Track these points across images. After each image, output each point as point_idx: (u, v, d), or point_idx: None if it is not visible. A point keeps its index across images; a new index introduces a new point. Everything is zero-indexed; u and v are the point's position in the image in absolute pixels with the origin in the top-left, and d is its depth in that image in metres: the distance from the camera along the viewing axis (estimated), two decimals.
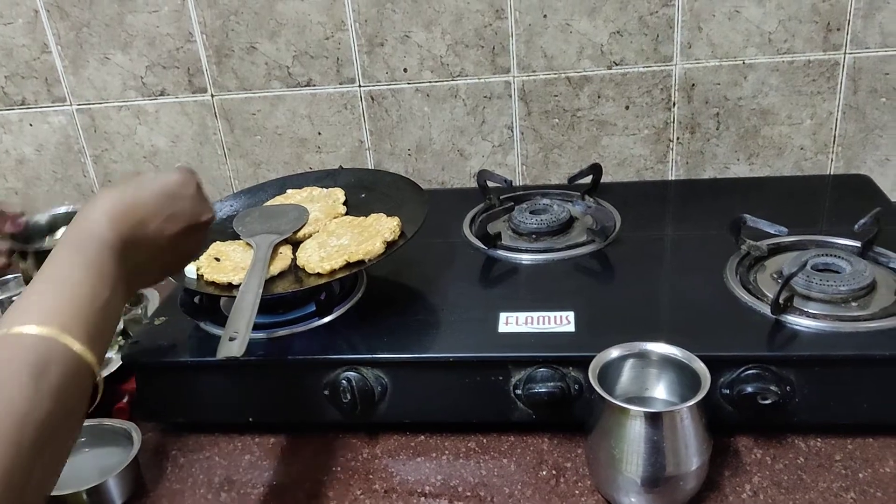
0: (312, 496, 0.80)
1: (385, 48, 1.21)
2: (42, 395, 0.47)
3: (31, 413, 0.46)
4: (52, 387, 0.48)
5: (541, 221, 1.04)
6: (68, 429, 0.51)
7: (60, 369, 0.50)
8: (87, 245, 0.58)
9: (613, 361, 0.76)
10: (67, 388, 0.50)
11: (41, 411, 0.47)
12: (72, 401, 0.51)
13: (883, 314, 0.81)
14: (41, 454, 0.47)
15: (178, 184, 0.66)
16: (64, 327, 0.51)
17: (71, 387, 0.50)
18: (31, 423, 0.46)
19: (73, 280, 0.55)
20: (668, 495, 0.72)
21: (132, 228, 0.61)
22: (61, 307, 0.53)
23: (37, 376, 0.48)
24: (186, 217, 0.66)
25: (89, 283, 0.56)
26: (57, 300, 0.53)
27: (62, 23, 1.24)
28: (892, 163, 1.21)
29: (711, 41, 1.15)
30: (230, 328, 0.76)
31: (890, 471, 0.75)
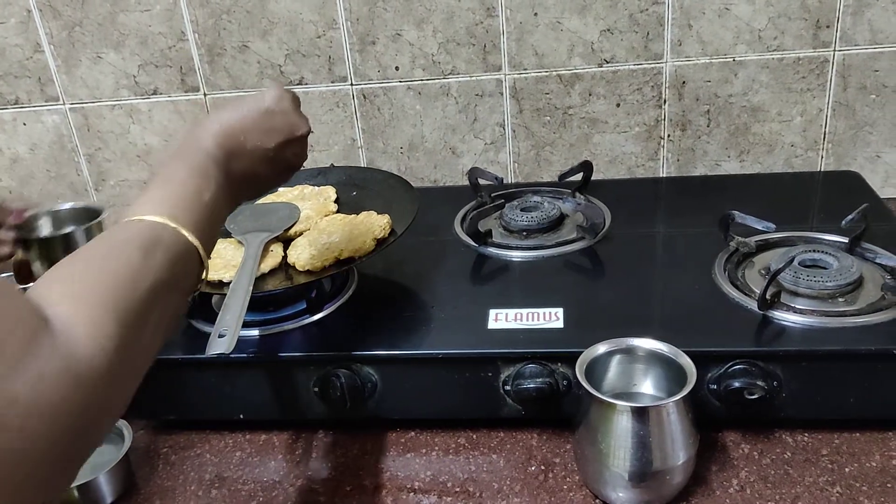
0: (303, 493, 0.80)
1: (377, 46, 1.21)
2: (150, 266, 0.55)
3: (140, 279, 0.53)
4: (160, 261, 0.55)
5: (531, 219, 1.04)
6: (175, 301, 0.59)
7: (168, 247, 0.57)
8: (192, 155, 0.65)
9: (601, 357, 0.76)
10: (174, 265, 0.57)
11: (149, 279, 0.54)
12: (177, 276, 0.58)
13: (870, 310, 0.81)
14: (148, 318, 0.53)
15: (273, 100, 0.70)
16: (172, 216, 0.59)
17: (177, 264, 0.58)
18: (141, 287, 0.53)
19: (180, 179, 0.63)
20: (655, 490, 0.72)
21: (233, 142, 0.67)
22: (170, 200, 0.60)
23: (147, 251, 0.55)
24: (282, 131, 0.70)
25: (194, 182, 0.63)
26: (166, 195, 0.61)
27: (55, 22, 1.25)
28: (882, 159, 1.21)
29: (702, 38, 1.16)
30: (220, 325, 0.76)
31: (876, 465, 0.76)
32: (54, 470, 0.44)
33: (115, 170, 1.35)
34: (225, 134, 0.66)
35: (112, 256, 0.55)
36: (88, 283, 0.51)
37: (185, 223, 0.59)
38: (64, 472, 0.46)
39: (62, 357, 0.45)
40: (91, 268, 0.53)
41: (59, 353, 0.45)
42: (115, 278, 0.52)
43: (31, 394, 0.42)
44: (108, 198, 1.37)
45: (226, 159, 0.66)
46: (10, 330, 0.43)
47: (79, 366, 0.45)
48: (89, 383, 0.46)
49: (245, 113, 0.68)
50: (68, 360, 0.45)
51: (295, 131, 0.71)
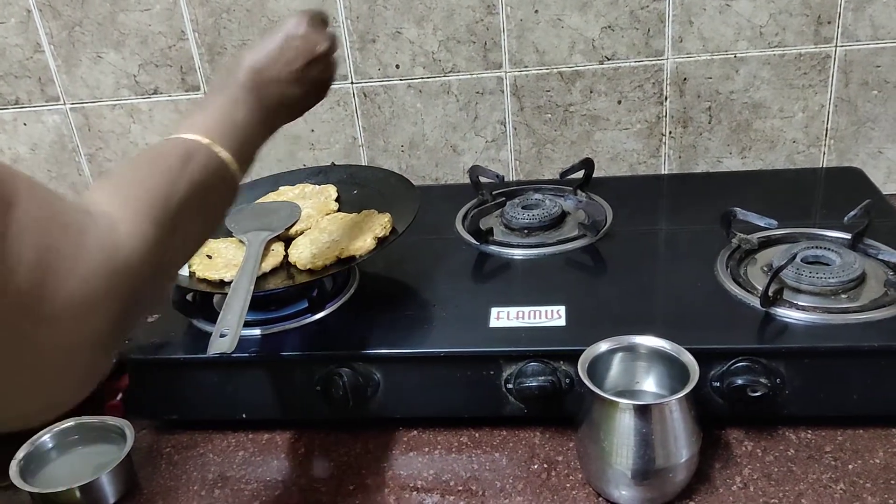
0: (306, 492, 0.80)
1: (377, 45, 1.21)
2: (185, 174, 0.60)
3: (176, 185, 0.58)
4: (195, 170, 0.61)
5: (532, 216, 1.04)
6: (209, 209, 0.64)
7: (202, 159, 0.63)
8: (225, 86, 0.71)
9: (603, 355, 0.76)
10: (207, 174, 0.62)
11: (184, 185, 0.59)
12: (211, 186, 0.63)
13: (873, 306, 0.81)
14: (183, 220, 0.58)
15: (291, 26, 0.75)
16: (206, 134, 0.64)
17: (211, 174, 0.63)
18: (177, 192, 0.58)
19: (214, 105, 0.69)
20: (658, 488, 0.72)
21: (260, 72, 0.71)
22: (205, 122, 0.66)
23: (183, 161, 0.61)
24: (302, 53, 0.74)
25: (227, 107, 0.69)
26: (202, 118, 0.67)
27: (54, 22, 1.24)
28: (885, 155, 1.21)
29: (703, 35, 1.15)
30: (221, 325, 0.76)
31: (879, 462, 0.76)
32: (98, 353, 0.49)
33: None
34: (253, 65, 0.71)
35: (151, 165, 0.61)
36: (130, 188, 0.57)
37: (218, 140, 0.65)
38: (107, 353, 0.51)
39: (108, 251, 0.49)
40: (133, 175, 0.60)
41: (105, 248, 0.49)
42: (154, 183, 0.58)
43: (83, 289, 0.46)
44: None
45: (256, 87, 0.71)
46: (63, 229, 0.47)
47: (122, 258, 0.50)
48: (131, 273, 0.50)
49: (268, 44, 0.73)
50: (113, 254, 0.49)
51: (313, 50, 0.74)
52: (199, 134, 0.64)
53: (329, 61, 0.78)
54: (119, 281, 0.49)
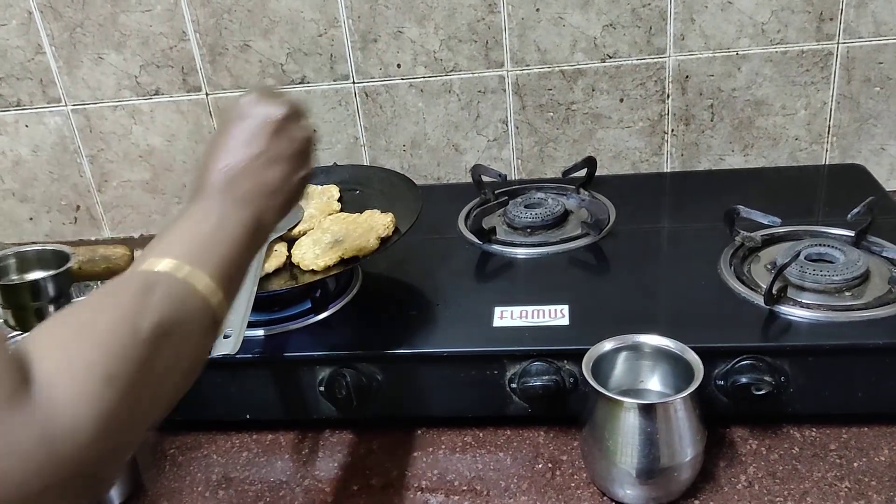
0: (310, 493, 0.80)
1: (378, 44, 1.21)
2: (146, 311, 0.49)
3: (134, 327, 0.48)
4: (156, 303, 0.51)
5: (535, 215, 1.04)
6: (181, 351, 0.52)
7: (168, 290, 0.53)
8: (193, 200, 0.63)
9: (607, 354, 0.76)
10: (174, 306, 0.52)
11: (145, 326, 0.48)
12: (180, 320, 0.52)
13: (877, 303, 0.81)
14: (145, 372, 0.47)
15: (239, 109, 0.67)
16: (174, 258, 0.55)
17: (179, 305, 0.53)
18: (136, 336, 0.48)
19: (183, 223, 0.61)
20: (663, 487, 0.72)
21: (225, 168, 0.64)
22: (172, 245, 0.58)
23: (143, 294, 0.51)
24: (259, 129, 0.66)
25: (197, 222, 0.61)
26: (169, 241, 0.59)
27: (56, 23, 1.24)
28: (888, 152, 1.21)
29: (704, 32, 1.15)
30: (225, 326, 0.76)
31: (885, 459, 0.76)
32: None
33: (117, 171, 1.35)
34: (215, 165, 0.64)
35: (104, 303, 0.51)
36: (76, 334, 0.47)
37: (187, 262, 0.55)
38: None
39: (39, 423, 0.40)
40: (82, 318, 0.49)
41: (35, 417, 0.40)
42: (107, 326, 0.48)
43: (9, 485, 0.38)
44: (112, 199, 1.37)
45: (227, 186, 0.63)
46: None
47: (58, 433, 0.41)
48: (69, 454, 0.41)
49: (223, 138, 0.66)
50: (46, 426, 0.40)
51: (271, 120, 0.66)
52: (160, 257, 0.55)
53: (292, 129, 0.68)
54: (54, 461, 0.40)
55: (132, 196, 1.36)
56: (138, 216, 1.38)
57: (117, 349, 0.46)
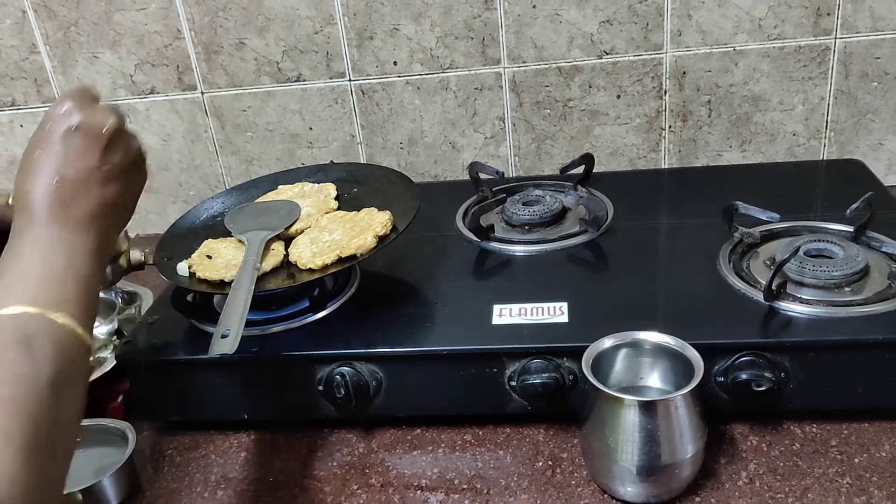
0: (309, 492, 0.80)
1: (374, 41, 1.20)
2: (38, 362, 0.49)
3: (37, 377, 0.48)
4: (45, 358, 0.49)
5: (533, 213, 1.03)
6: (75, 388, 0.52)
7: (48, 340, 0.51)
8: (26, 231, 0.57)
9: (607, 351, 0.76)
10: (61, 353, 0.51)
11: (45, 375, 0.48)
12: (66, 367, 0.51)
13: (876, 298, 0.81)
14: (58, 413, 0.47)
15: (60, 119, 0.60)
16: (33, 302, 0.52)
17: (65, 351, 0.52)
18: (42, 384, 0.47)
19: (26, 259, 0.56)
20: (663, 484, 0.72)
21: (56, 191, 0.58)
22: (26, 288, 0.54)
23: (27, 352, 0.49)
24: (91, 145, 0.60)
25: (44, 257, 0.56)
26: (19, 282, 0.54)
27: (50, 22, 1.24)
28: (886, 147, 1.20)
29: (701, 28, 1.15)
30: (222, 325, 0.76)
31: (885, 455, 0.75)
32: None
33: None
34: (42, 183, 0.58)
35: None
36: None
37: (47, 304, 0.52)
38: None
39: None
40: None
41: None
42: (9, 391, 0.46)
43: None
44: None
45: (62, 212, 0.58)
46: None
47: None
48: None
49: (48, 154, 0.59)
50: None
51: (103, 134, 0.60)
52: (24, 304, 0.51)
53: (126, 137, 0.63)
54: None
55: None
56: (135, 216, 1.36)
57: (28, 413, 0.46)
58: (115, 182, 0.61)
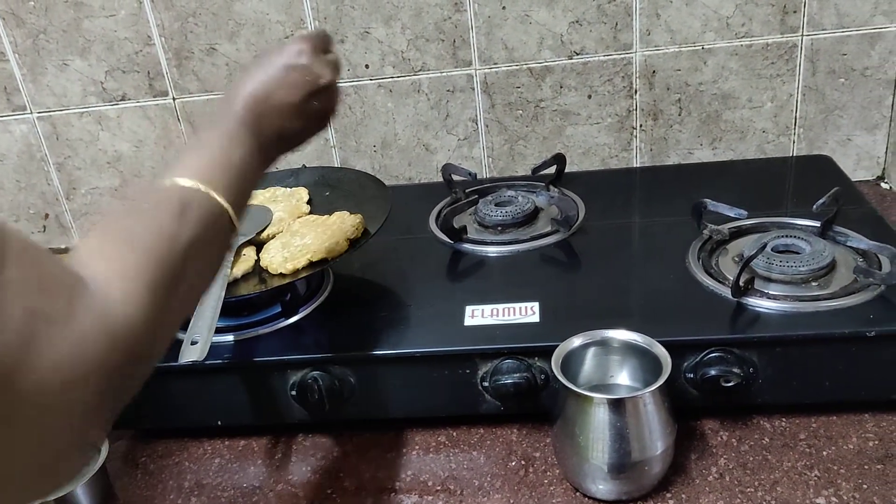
0: (283, 497, 0.80)
1: (346, 45, 1.20)
2: (182, 228, 0.56)
3: (172, 240, 0.55)
4: (191, 223, 0.57)
5: (506, 213, 1.04)
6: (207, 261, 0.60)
7: (199, 209, 0.58)
8: (223, 120, 0.67)
9: (576, 350, 0.76)
10: (205, 226, 0.58)
11: (181, 241, 0.55)
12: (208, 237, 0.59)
13: (843, 293, 0.82)
14: (180, 277, 0.54)
15: (292, 54, 0.70)
16: (203, 179, 0.60)
17: (209, 225, 0.59)
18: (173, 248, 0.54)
19: (211, 144, 0.65)
20: (635, 481, 0.72)
21: (259, 104, 0.67)
22: (202, 164, 0.62)
23: (179, 213, 0.57)
24: (304, 85, 0.69)
25: (225, 147, 0.65)
26: (198, 159, 0.63)
27: (18, 30, 1.23)
28: (854, 142, 1.22)
29: (670, 27, 1.16)
30: (192, 332, 0.76)
31: (853, 447, 0.76)
32: (91, 423, 0.47)
33: (85, 178, 1.33)
34: (251, 97, 0.68)
35: (144, 219, 0.56)
36: (122, 248, 0.53)
37: (215, 186, 0.60)
38: (101, 424, 0.49)
39: (100, 317, 0.46)
40: (125, 231, 0.55)
41: (97, 313, 0.46)
42: (149, 240, 0.54)
43: (72, 355, 0.44)
44: (81, 206, 1.35)
45: (255, 120, 0.67)
46: (52, 293, 0.44)
47: (116, 324, 0.47)
48: (126, 340, 0.47)
49: (268, 72, 0.69)
50: (105, 319, 0.46)
51: (317, 81, 0.70)
52: (195, 179, 0.60)
53: (332, 92, 0.73)
54: (114, 346, 0.46)
55: (101, 203, 1.35)
56: None
57: (160, 260, 0.53)
58: (303, 120, 0.71)
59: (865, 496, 0.71)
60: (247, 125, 0.67)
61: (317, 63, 0.71)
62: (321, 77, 0.70)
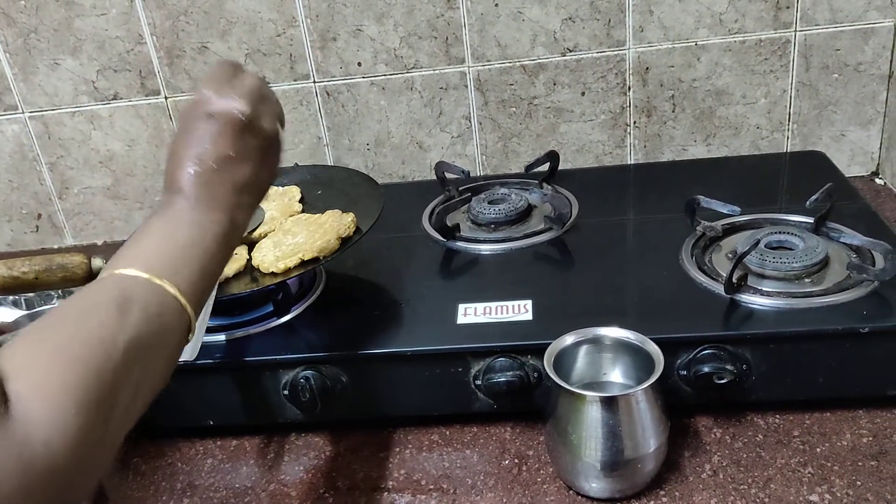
0: (276, 497, 0.79)
1: (338, 43, 1.20)
2: (123, 327, 0.50)
3: (111, 344, 0.48)
4: (135, 319, 0.51)
5: (499, 211, 1.04)
6: (154, 366, 0.53)
7: (144, 302, 0.52)
8: (168, 205, 0.61)
9: (568, 348, 0.76)
10: (150, 321, 0.52)
11: (121, 343, 0.49)
12: (155, 334, 0.53)
13: (836, 289, 0.82)
14: (119, 390, 0.48)
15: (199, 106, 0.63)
16: (147, 268, 0.55)
17: (155, 319, 0.53)
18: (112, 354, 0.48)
19: (152, 229, 0.60)
20: (628, 478, 0.72)
21: (199, 174, 0.61)
22: (144, 253, 0.57)
23: (120, 309, 0.51)
24: (226, 127, 0.62)
25: (172, 229, 0.59)
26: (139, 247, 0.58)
27: (9, 29, 1.22)
28: (847, 138, 1.21)
29: (663, 24, 1.15)
30: None
31: (847, 444, 0.76)
32: None
33: (78, 177, 1.33)
34: (188, 169, 0.61)
35: (80, 321, 0.50)
36: (52, 354, 0.46)
37: (160, 273, 0.55)
38: None
39: (16, 443, 0.40)
40: (57, 334, 0.49)
41: (13, 438, 0.40)
42: (82, 346, 0.47)
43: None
44: (73, 206, 1.35)
45: (204, 192, 0.61)
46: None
47: (34, 453, 0.41)
48: (46, 472, 0.41)
49: (190, 137, 0.62)
50: (23, 446, 0.41)
51: (235, 118, 0.62)
52: (138, 268, 0.54)
53: (262, 116, 0.65)
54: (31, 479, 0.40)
55: (94, 203, 1.34)
56: (101, 223, 1.36)
57: (94, 370, 0.46)
58: (248, 165, 0.64)
59: (859, 493, 0.71)
60: (198, 201, 0.61)
61: (227, 99, 0.63)
62: (236, 110, 0.63)
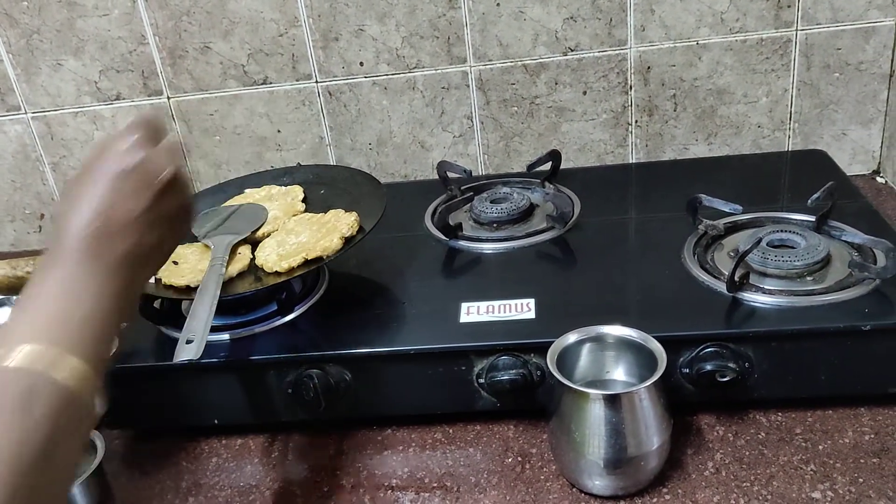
0: (280, 496, 0.80)
1: (340, 42, 1.20)
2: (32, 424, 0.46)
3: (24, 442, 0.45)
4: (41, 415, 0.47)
5: (501, 210, 1.04)
6: (67, 450, 0.50)
7: (48, 395, 0.48)
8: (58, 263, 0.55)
9: (571, 346, 0.76)
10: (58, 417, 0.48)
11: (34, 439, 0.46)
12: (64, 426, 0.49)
13: (837, 287, 0.82)
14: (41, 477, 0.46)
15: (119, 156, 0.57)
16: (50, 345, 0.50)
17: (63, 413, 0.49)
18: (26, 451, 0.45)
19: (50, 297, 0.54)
20: (631, 476, 0.72)
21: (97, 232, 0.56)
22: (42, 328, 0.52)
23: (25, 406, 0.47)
24: (146, 187, 0.57)
25: (67, 298, 0.54)
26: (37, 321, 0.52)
27: (12, 30, 1.23)
28: (849, 137, 1.22)
29: (664, 23, 1.16)
30: (187, 331, 0.75)
31: (849, 441, 0.76)
32: None
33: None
34: (86, 226, 0.55)
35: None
36: None
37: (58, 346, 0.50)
38: None
39: None
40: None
41: None
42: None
43: None
44: None
45: (98, 253, 0.55)
46: None
47: None
48: None
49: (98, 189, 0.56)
50: None
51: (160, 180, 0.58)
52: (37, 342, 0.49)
53: (180, 182, 0.60)
54: None
55: None
56: None
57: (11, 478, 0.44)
58: (159, 229, 0.59)
59: (861, 490, 0.71)
60: (88, 260, 0.55)
61: (153, 156, 0.58)
62: (162, 170, 0.58)
